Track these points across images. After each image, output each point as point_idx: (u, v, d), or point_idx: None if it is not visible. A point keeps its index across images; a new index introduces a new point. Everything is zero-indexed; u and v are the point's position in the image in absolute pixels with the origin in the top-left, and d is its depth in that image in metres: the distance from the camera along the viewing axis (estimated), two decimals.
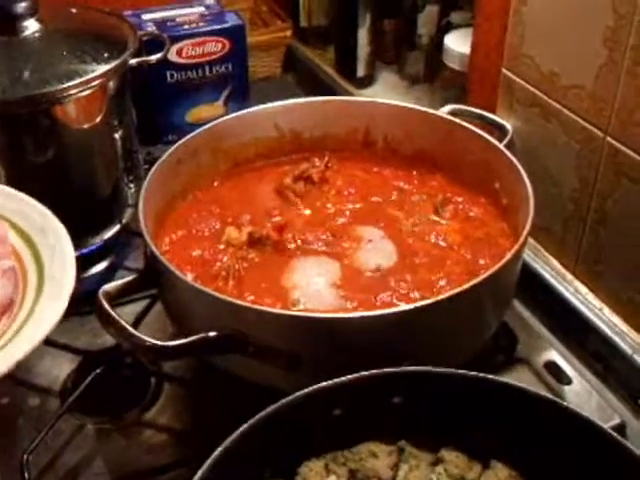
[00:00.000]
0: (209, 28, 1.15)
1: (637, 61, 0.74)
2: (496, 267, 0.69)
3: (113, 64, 0.85)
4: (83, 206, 0.90)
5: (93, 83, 0.83)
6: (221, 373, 0.73)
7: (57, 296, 0.66)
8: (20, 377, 0.82)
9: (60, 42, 0.87)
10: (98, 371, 0.80)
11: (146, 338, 0.64)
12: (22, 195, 0.77)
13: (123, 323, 0.65)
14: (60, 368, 0.83)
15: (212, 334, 0.65)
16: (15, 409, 0.80)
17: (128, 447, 0.76)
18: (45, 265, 0.70)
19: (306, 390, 0.59)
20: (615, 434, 0.55)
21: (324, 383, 0.59)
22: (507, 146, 0.86)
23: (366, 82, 1.34)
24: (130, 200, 0.96)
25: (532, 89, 0.90)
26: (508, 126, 0.90)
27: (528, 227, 0.73)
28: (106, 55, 0.86)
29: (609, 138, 0.80)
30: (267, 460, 0.58)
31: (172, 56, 1.14)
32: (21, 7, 0.86)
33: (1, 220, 0.75)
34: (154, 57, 0.97)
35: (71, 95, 0.82)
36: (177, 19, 1.17)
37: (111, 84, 0.87)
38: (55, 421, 0.75)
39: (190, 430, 0.77)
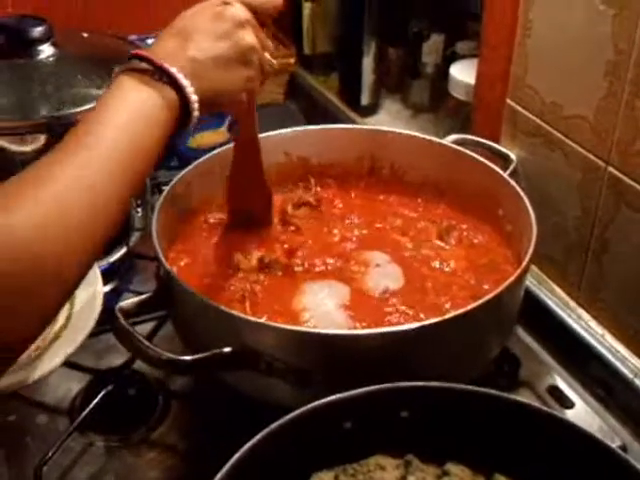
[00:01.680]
0: None
1: (635, 94, 0.83)
2: (499, 289, 0.77)
3: None
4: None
5: None
6: (229, 391, 0.80)
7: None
8: (28, 395, 0.89)
9: (74, 66, 0.96)
10: (108, 389, 0.87)
11: (163, 352, 0.72)
12: None
13: (141, 338, 0.73)
14: (68, 387, 0.90)
15: (226, 350, 0.73)
16: (23, 427, 0.87)
17: (137, 465, 0.83)
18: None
19: (316, 403, 0.65)
20: (620, 451, 0.62)
21: (334, 396, 0.66)
22: (511, 175, 0.95)
23: (370, 110, 1.42)
24: (137, 224, 1.04)
25: (535, 119, 0.99)
26: (512, 155, 0.99)
27: (531, 252, 0.81)
28: None
29: (610, 168, 0.89)
30: (277, 473, 0.64)
31: None
32: (37, 32, 0.96)
33: None
34: None
35: None
36: None
37: None
38: (65, 438, 0.83)
39: (198, 447, 0.84)
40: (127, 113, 0.63)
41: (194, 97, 0.67)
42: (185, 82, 0.66)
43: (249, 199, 0.93)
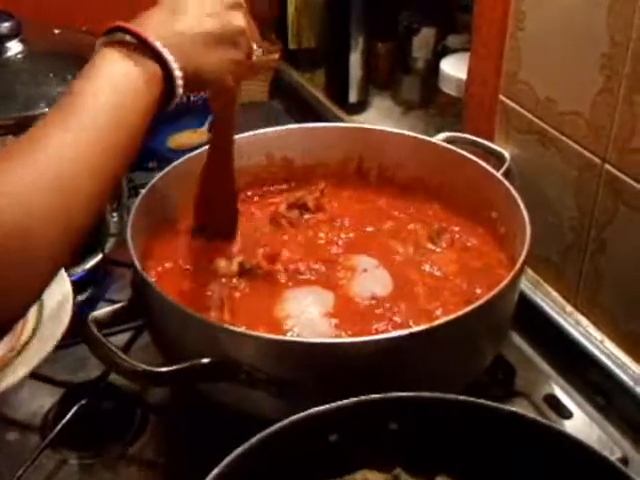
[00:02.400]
0: None
1: (633, 88, 0.83)
2: (491, 294, 0.76)
3: None
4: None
5: None
6: (209, 403, 0.80)
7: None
8: None
9: (45, 64, 0.95)
10: (81, 403, 0.86)
11: (137, 363, 0.71)
12: None
13: (114, 349, 0.72)
14: (41, 401, 0.89)
15: (204, 361, 0.72)
16: None
17: None
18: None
19: (300, 415, 0.65)
20: (620, 464, 0.61)
21: (319, 408, 0.65)
22: (504, 174, 0.95)
23: (358, 108, 1.42)
24: (113, 229, 1.03)
25: (529, 116, 0.98)
26: (505, 154, 0.99)
27: (524, 254, 0.80)
28: None
29: (607, 165, 0.89)
30: None
31: None
32: (4, 27, 0.95)
33: None
34: None
35: None
36: None
37: None
38: (37, 455, 0.81)
39: (177, 462, 0.83)
40: (109, 85, 0.63)
41: (178, 72, 0.67)
42: (169, 57, 0.66)
43: (215, 210, 0.92)
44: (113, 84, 0.64)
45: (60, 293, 0.85)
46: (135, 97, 0.64)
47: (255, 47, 0.76)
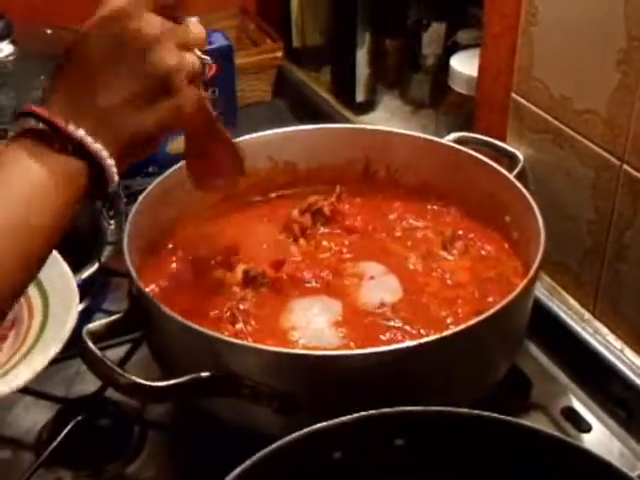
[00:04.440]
0: None
1: None
2: (504, 302, 0.77)
3: None
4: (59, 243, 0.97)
5: None
6: (209, 419, 0.80)
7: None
8: None
9: (37, 66, 0.96)
10: (77, 420, 0.87)
11: (135, 378, 0.71)
12: None
13: (110, 363, 0.73)
14: (34, 418, 0.90)
15: (204, 374, 0.73)
16: None
17: None
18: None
19: (303, 431, 0.65)
20: None
21: (323, 423, 0.65)
22: (517, 176, 0.95)
23: (366, 107, 1.42)
24: (110, 237, 1.03)
25: (543, 114, 0.99)
26: (519, 155, 0.99)
27: (538, 260, 0.81)
28: None
29: (626, 166, 0.89)
30: None
31: None
32: None
33: None
34: None
35: None
36: None
37: None
38: (30, 475, 0.82)
39: None
40: (18, 195, 0.59)
41: (109, 161, 0.61)
42: (96, 146, 0.60)
43: (211, 151, 0.82)
44: (20, 193, 0.59)
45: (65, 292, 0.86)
46: (52, 202, 0.60)
47: (199, 54, 0.68)
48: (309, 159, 1.04)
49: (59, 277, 0.88)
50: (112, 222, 1.04)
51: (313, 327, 0.83)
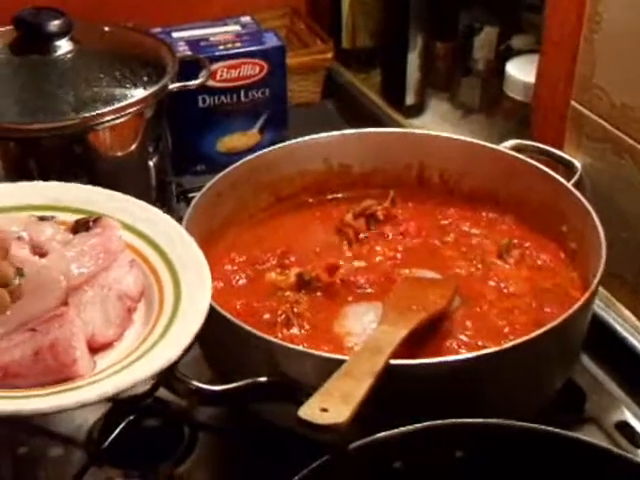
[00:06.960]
0: (246, 49, 1.23)
1: None
2: (563, 317, 0.75)
3: (152, 89, 0.93)
4: None
5: (131, 109, 0.92)
6: (263, 424, 0.79)
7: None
8: (40, 424, 0.88)
9: (95, 63, 0.96)
10: (128, 419, 0.86)
11: (191, 381, 0.71)
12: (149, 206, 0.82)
13: None
14: (85, 416, 0.89)
15: (262, 379, 0.72)
16: (35, 460, 0.87)
17: None
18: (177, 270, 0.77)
19: (362, 440, 0.65)
20: None
21: (383, 433, 0.65)
22: (575, 185, 0.93)
23: (415, 111, 1.41)
24: None
25: (603, 123, 0.97)
26: (577, 163, 0.97)
27: (599, 275, 0.79)
28: (145, 79, 0.95)
29: None
30: None
31: None
32: (54, 25, 0.95)
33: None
34: (194, 82, 1.05)
35: (107, 121, 0.91)
36: (211, 38, 1.25)
37: (149, 110, 0.95)
38: (82, 473, 0.82)
39: None
40: None
41: None
42: None
43: None
44: None
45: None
46: None
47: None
48: (364, 162, 1.03)
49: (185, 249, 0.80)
50: None
51: (369, 334, 0.82)
